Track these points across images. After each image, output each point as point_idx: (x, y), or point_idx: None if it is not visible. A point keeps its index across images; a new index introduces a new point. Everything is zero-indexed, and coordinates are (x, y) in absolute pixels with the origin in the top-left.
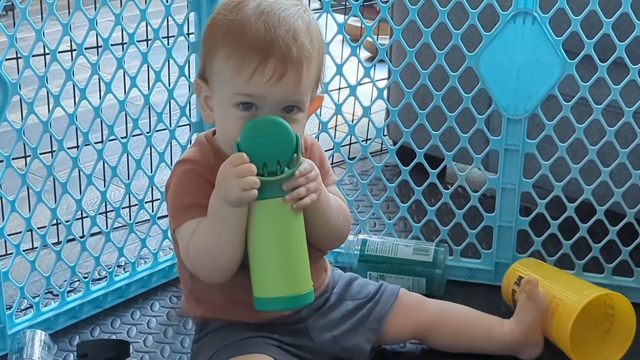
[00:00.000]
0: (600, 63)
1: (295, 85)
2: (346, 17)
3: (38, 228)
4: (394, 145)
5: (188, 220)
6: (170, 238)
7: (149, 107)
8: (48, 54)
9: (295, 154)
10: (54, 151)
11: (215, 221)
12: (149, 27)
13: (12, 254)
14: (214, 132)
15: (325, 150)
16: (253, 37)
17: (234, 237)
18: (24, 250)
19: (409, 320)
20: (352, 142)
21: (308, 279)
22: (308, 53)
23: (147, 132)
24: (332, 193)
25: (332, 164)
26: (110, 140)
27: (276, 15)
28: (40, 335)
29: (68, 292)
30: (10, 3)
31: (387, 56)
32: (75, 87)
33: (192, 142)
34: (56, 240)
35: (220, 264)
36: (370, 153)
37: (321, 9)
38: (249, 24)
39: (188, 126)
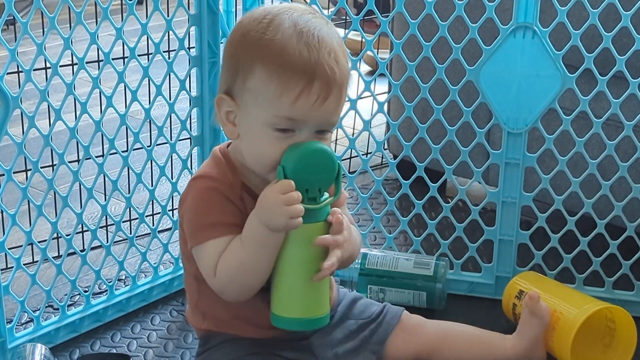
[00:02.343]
0: (600, 77)
1: (336, 107)
2: (346, 31)
3: (39, 242)
4: (395, 159)
5: (211, 239)
6: (171, 252)
7: (150, 121)
8: (49, 67)
9: (335, 182)
10: (55, 165)
11: (253, 244)
12: (150, 41)
13: (12, 267)
14: (228, 145)
15: None
16: (298, 59)
17: (270, 259)
18: (24, 264)
19: (410, 343)
20: (352, 155)
21: (327, 303)
22: (347, 74)
23: (148, 146)
24: (344, 214)
25: None
26: (111, 154)
27: (315, 36)
28: (40, 349)
29: (68, 305)
30: (12, 17)
31: (387, 70)
32: (76, 101)
33: (210, 156)
34: (57, 254)
35: (253, 284)
36: (370, 167)
37: None
38: (291, 45)
39: (189, 140)
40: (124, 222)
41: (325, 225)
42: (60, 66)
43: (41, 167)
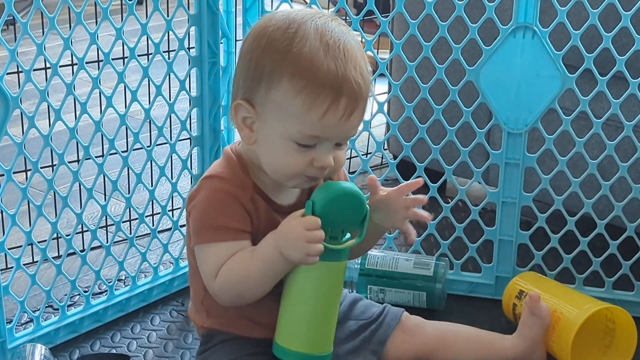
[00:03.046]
0: (600, 77)
1: (359, 121)
2: None
3: (38, 242)
4: (395, 159)
5: (215, 242)
6: (171, 252)
7: (150, 121)
8: (49, 68)
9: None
10: (55, 165)
11: (262, 264)
12: (149, 42)
13: (12, 267)
14: (239, 142)
15: None
16: (326, 74)
17: (273, 281)
18: (24, 264)
19: (410, 344)
20: (352, 156)
21: (331, 342)
22: (370, 85)
23: (148, 146)
24: None
25: None
26: (110, 154)
27: (341, 49)
28: (40, 350)
29: (68, 306)
30: (12, 17)
31: (387, 70)
32: (76, 101)
33: (222, 155)
34: (56, 254)
35: (249, 297)
36: (370, 167)
37: None
38: (319, 58)
39: (189, 140)
40: (123, 222)
41: (342, 265)
42: (60, 66)
43: (41, 167)
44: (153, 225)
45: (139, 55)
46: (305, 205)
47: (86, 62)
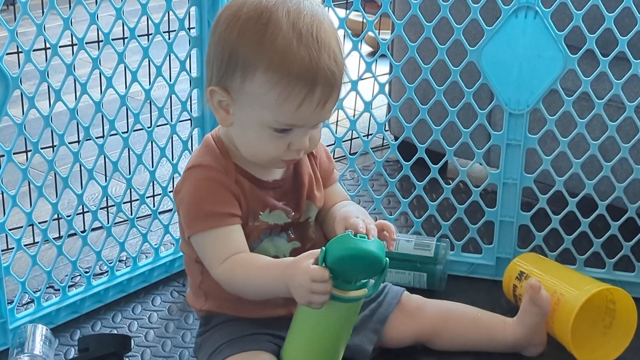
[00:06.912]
0: (602, 58)
1: (334, 106)
2: (348, 11)
3: (39, 223)
4: (396, 141)
5: (208, 229)
6: (172, 233)
7: (150, 101)
8: (49, 48)
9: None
10: (55, 146)
11: (269, 283)
12: (150, 22)
13: (13, 248)
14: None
15: (327, 146)
16: (300, 66)
17: (275, 296)
18: (25, 245)
19: (410, 325)
20: (353, 137)
21: None
22: (343, 69)
23: (148, 127)
24: (338, 191)
25: (333, 159)
26: (111, 135)
27: (314, 36)
28: (41, 330)
29: (69, 286)
30: None
31: (388, 51)
32: (76, 82)
33: (201, 143)
34: (57, 235)
35: (250, 297)
36: (371, 148)
37: (323, 3)
38: (292, 50)
39: (189, 121)
40: (124, 203)
41: (353, 306)
42: (60, 47)
43: (41, 148)
44: (154, 206)
45: (139, 36)
46: (320, 252)
47: (86, 43)
